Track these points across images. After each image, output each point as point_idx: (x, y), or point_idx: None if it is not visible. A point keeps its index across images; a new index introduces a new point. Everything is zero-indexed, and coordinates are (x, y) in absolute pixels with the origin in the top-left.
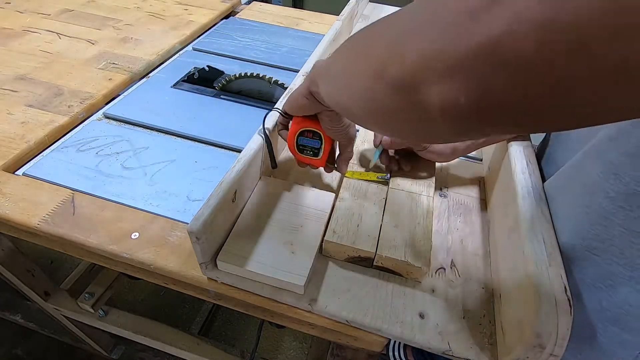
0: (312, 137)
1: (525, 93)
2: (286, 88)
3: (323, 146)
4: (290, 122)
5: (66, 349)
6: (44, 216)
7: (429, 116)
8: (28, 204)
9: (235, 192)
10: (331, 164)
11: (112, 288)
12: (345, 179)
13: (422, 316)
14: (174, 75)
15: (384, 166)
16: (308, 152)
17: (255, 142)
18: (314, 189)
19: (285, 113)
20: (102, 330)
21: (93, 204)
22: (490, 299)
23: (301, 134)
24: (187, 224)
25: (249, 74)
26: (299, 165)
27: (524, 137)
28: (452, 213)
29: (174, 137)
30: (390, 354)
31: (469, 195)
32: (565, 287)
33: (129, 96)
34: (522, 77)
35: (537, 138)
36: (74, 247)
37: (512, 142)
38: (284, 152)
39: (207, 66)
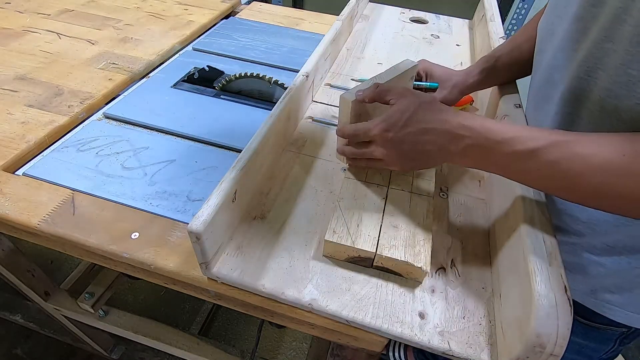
0: None
1: None
2: (286, 88)
3: None
4: None
5: (66, 349)
6: (44, 216)
7: None
8: (28, 204)
9: (235, 192)
10: None
11: (112, 288)
12: (345, 179)
13: (422, 316)
14: (174, 75)
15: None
16: None
17: (255, 141)
18: None
19: None
20: (102, 330)
21: (93, 204)
22: (490, 299)
23: None
24: (187, 224)
25: (249, 74)
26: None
27: None
28: (452, 213)
29: (174, 137)
30: (390, 354)
31: (469, 195)
32: (565, 287)
33: (129, 96)
34: None
35: None
36: (74, 247)
37: None
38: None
39: (207, 66)
